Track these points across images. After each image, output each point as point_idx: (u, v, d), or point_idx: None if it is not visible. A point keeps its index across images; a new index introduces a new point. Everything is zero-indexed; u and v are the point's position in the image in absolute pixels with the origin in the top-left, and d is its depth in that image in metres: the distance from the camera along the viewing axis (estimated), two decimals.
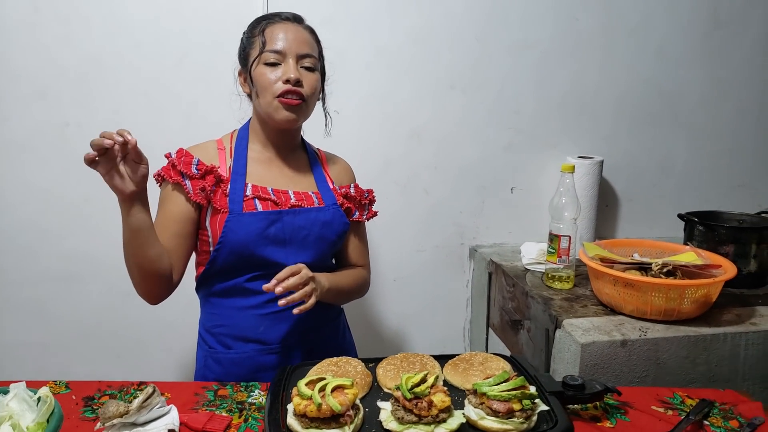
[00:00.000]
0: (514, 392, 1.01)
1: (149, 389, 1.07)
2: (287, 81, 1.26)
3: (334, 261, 1.51)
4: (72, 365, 1.97)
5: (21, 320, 1.94)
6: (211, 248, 1.30)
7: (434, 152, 1.99)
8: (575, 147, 2.05)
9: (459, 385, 1.15)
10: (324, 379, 1.04)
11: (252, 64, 1.28)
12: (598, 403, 1.17)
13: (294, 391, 1.02)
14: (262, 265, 1.30)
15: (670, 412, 1.16)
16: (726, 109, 2.14)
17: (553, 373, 1.49)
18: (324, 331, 1.42)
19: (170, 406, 1.10)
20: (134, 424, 1.04)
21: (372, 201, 1.54)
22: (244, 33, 1.35)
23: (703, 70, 2.09)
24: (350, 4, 1.84)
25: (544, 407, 1.05)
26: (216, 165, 1.30)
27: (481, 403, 1.02)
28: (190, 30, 1.79)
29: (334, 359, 1.21)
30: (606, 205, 2.13)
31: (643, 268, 1.51)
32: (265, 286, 1.18)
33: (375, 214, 1.54)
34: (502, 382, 1.04)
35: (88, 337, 1.96)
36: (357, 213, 1.47)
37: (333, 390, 1.00)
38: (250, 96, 1.35)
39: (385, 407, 1.05)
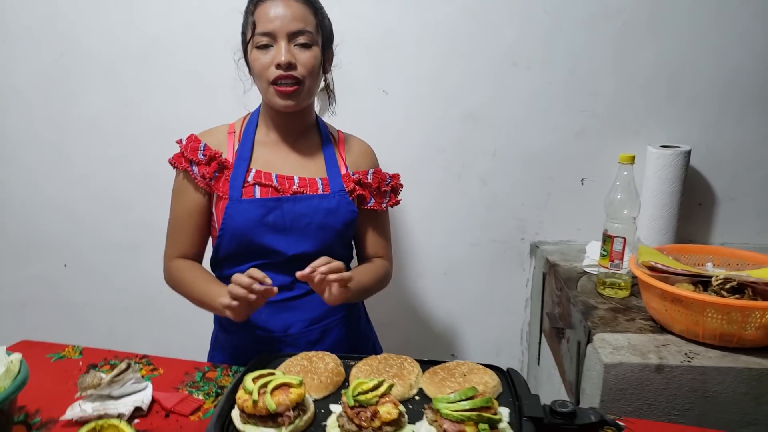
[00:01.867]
0: (469, 413, 0.89)
1: (123, 365, 1.11)
2: (279, 66, 1.20)
3: (355, 252, 1.45)
4: (134, 329, 2.11)
5: (91, 284, 2.10)
6: (218, 234, 1.30)
7: (493, 137, 1.82)
8: (663, 134, 1.76)
9: (431, 395, 1.04)
10: (273, 374, 0.99)
11: (247, 48, 1.26)
12: None
13: (242, 383, 0.98)
14: (263, 252, 1.28)
15: None
16: None
17: (582, 394, 1.30)
18: (330, 323, 1.36)
19: (146, 383, 1.12)
20: (109, 396, 1.07)
21: (396, 187, 1.44)
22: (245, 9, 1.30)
23: None
24: None
25: None
26: (220, 151, 1.30)
27: (435, 421, 0.91)
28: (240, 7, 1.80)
29: (311, 353, 1.16)
30: (699, 203, 1.81)
31: (705, 281, 1.26)
32: (299, 274, 1.13)
33: (398, 202, 1.44)
34: (462, 400, 0.92)
35: (149, 305, 2.08)
36: (373, 200, 1.38)
37: (276, 388, 0.95)
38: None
39: (336, 411, 0.98)
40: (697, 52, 1.72)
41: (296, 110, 1.28)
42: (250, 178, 1.28)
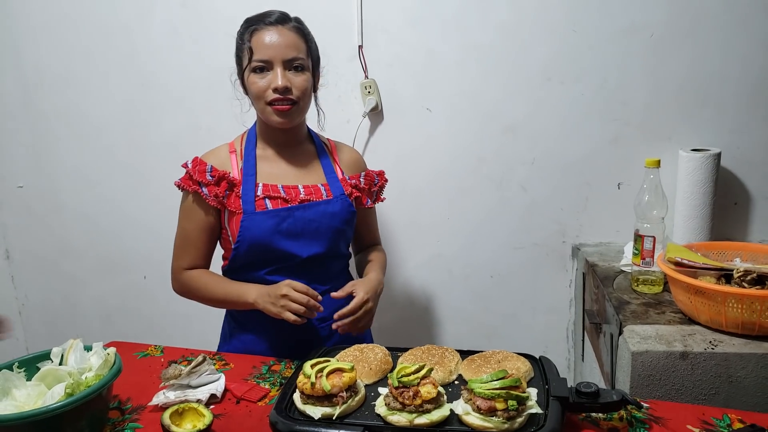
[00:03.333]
0: (499, 391, 1.01)
1: (200, 358, 1.28)
2: (276, 90, 1.34)
3: (351, 245, 1.61)
4: (207, 336, 2.30)
5: (168, 293, 2.29)
6: (233, 245, 1.42)
7: (531, 147, 1.94)
8: (694, 139, 1.84)
9: (468, 379, 1.17)
10: (328, 361, 1.14)
11: (243, 72, 1.39)
12: (624, 414, 1.11)
13: (302, 369, 1.14)
14: (280, 258, 1.42)
15: None
16: None
17: (617, 382, 1.40)
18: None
19: (220, 374, 1.29)
20: (189, 386, 1.24)
21: (383, 185, 1.61)
22: (237, 34, 1.42)
23: None
24: (439, 4, 1.88)
25: (538, 411, 1.03)
26: (228, 170, 1.42)
27: (470, 399, 1.04)
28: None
29: (362, 345, 1.31)
30: (735, 203, 1.87)
31: (727, 274, 1.35)
32: (334, 326, 1.36)
33: (382, 199, 1.63)
34: (494, 380, 1.05)
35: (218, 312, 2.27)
36: (369, 201, 1.56)
37: (331, 372, 1.10)
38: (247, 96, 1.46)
39: (384, 393, 1.12)
40: (724, 60, 1.79)
41: (289, 127, 1.42)
42: (259, 192, 1.40)
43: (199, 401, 1.20)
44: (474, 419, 1.01)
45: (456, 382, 1.19)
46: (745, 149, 1.82)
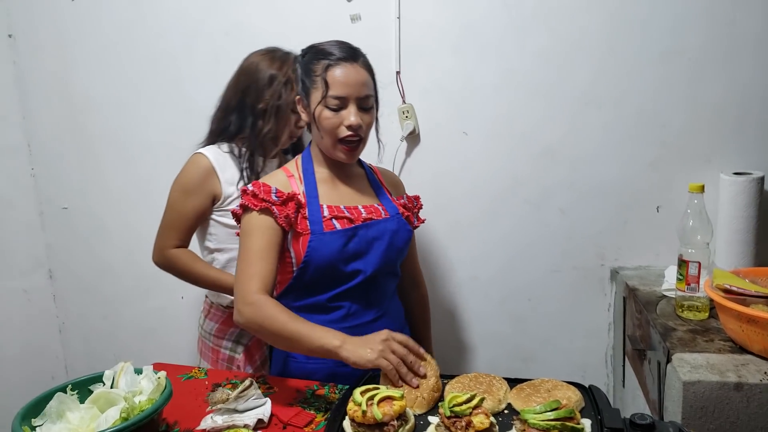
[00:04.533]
0: (554, 423, 1.01)
1: (247, 382, 1.28)
2: (350, 127, 1.36)
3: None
4: None
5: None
6: (294, 268, 1.42)
7: (569, 171, 1.94)
8: (734, 162, 1.82)
9: (519, 409, 1.17)
10: (378, 388, 1.15)
11: (314, 105, 1.38)
12: None
13: (351, 396, 1.14)
14: (344, 278, 1.42)
15: None
16: None
17: (665, 412, 1.38)
18: None
19: (266, 399, 1.29)
20: (235, 410, 1.25)
21: (420, 208, 1.63)
22: (301, 59, 1.43)
23: None
24: (477, 31, 1.90)
25: None
26: (296, 192, 1.42)
27: (523, 430, 1.04)
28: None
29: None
30: None
31: None
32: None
33: (423, 221, 1.65)
34: (548, 411, 1.04)
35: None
36: (416, 221, 1.59)
37: (381, 400, 1.11)
38: (308, 123, 1.45)
39: (434, 422, 1.12)
40: (762, 82, 1.79)
41: (353, 161, 1.46)
42: (326, 213, 1.41)
43: (246, 426, 1.22)
44: None
45: (506, 411, 1.18)
46: None
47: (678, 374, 1.29)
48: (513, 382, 1.27)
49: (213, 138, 1.78)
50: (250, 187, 1.41)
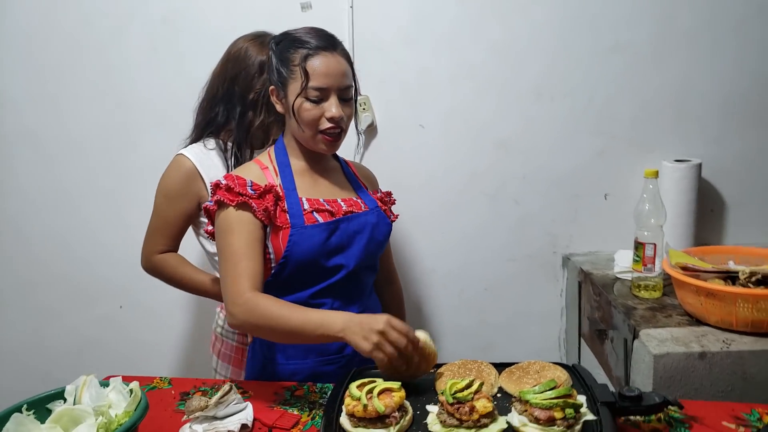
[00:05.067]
0: (556, 401, 1.03)
1: (226, 387, 1.21)
2: (332, 119, 1.31)
3: None
4: (191, 364, 2.23)
5: (152, 323, 2.23)
6: (273, 264, 1.35)
7: (523, 162, 2.00)
8: (674, 150, 1.96)
9: (512, 392, 1.18)
10: (374, 381, 1.13)
11: (293, 97, 1.32)
12: (662, 415, 1.15)
13: (347, 392, 1.12)
14: (325, 274, 1.37)
15: (741, 429, 1.11)
16: None
17: (632, 384, 1.45)
18: None
19: (246, 403, 1.23)
20: (214, 418, 1.18)
21: (393, 203, 1.60)
22: (275, 47, 1.36)
23: None
24: (431, 22, 1.92)
25: (591, 417, 1.06)
26: (272, 183, 1.35)
27: (525, 411, 1.05)
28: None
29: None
30: (711, 210, 2.00)
31: (732, 276, 1.43)
32: None
33: (397, 216, 1.60)
34: (547, 390, 1.07)
35: (207, 338, 2.21)
36: (392, 216, 1.56)
37: (380, 393, 1.09)
38: (282, 112, 1.39)
39: (433, 411, 1.11)
40: (700, 76, 1.93)
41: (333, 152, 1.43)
42: (306, 206, 1.36)
43: None
44: (533, 430, 1.03)
45: (498, 395, 1.20)
46: (721, 160, 1.96)
47: (647, 348, 1.36)
48: (498, 367, 1.29)
49: (199, 132, 1.67)
50: (222, 180, 1.32)
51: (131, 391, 1.15)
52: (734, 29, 1.90)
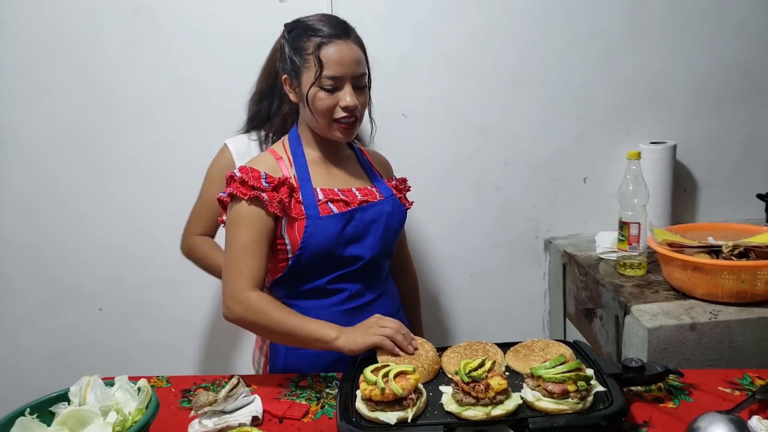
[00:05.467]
0: (568, 374, 1.07)
1: (234, 380, 1.21)
2: (346, 108, 1.31)
3: None
4: (178, 363, 2.20)
5: (133, 323, 2.18)
6: (290, 255, 1.36)
7: (503, 148, 2.04)
8: (649, 133, 2.03)
9: (520, 370, 1.22)
10: (388, 366, 1.14)
11: (307, 86, 1.31)
12: (662, 384, 1.20)
13: (361, 377, 1.13)
14: (342, 263, 1.38)
15: (737, 393, 1.17)
16: None
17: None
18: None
19: (254, 395, 1.23)
20: (223, 412, 1.17)
21: (408, 190, 1.61)
22: (287, 37, 1.35)
23: None
24: (412, 11, 1.94)
25: (601, 388, 1.10)
26: (287, 175, 1.35)
27: (538, 386, 1.08)
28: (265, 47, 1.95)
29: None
30: (684, 190, 2.08)
31: (715, 251, 1.50)
32: None
33: (412, 203, 1.61)
34: (558, 365, 1.10)
35: (191, 336, 2.19)
36: (407, 203, 1.56)
37: (396, 375, 1.10)
38: (296, 102, 1.39)
39: (447, 391, 1.13)
40: (670, 61, 2.01)
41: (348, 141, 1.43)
42: (320, 197, 1.35)
43: (242, 425, 1.16)
44: (548, 404, 1.05)
45: (507, 374, 1.23)
46: (693, 141, 2.04)
47: (641, 323, 1.42)
48: (502, 346, 1.32)
49: (248, 125, 1.73)
50: (237, 172, 1.32)
51: (139, 389, 1.14)
52: (702, 15, 1.98)
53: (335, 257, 1.36)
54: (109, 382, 1.16)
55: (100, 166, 2.05)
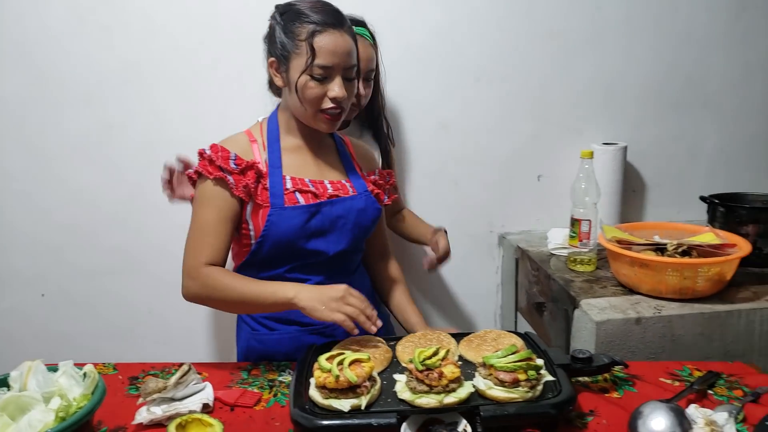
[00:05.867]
0: (519, 364, 1.09)
1: (185, 367, 1.19)
2: (335, 99, 1.29)
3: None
4: (123, 352, 2.13)
5: (77, 310, 2.12)
6: (252, 241, 1.35)
7: (462, 144, 2.07)
8: (601, 134, 2.10)
9: (473, 359, 1.24)
10: (343, 354, 1.15)
11: (296, 73, 1.28)
12: (607, 375, 1.24)
13: (315, 365, 1.12)
14: (303, 255, 1.36)
15: (677, 383, 1.22)
16: (755, 91, 2.14)
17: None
18: None
19: (206, 383, 1.22)
20: (172, 399, 1.16)
21: (393, 185, 1.59)
22: (279, 20, 1.31)
23: (731, 54, 2.10)
24: (375, 6, 1.93)
25: (550, 378, 1.13)
26: (256, 159, 1.33)
27: (490, 374, 1.10)
28: (224, 31, 1.91)
29: (358, 337, 1.32)
30: (633, 190, 2.16)
31: (660, 248, 1.56)
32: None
33: (395, 197, 1.60)
34: (509, 355, 1.12)
35: (137, 325, 2.13)
36: (387, 198, 1.53)
37: (350, 364, 1.10)
38: (279, 87, 1.36)
39: (401, 379, 1.14)
40: (622, 65, 2.08)
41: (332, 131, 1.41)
42: (289, 186, 1.33)
43: (192, 412, 1.14)
44: (499, 392, 1.08)
45: (460, 363, 1.24)
46: (641, 143, 2.12)
47: (589, 316, 1.46)
48: (456, 336, 1.33)
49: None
50: (207, 150, 1.31)
51: (85, 374, 1.11)
52: (654, 23, 2.05)
53: (296, 249, 1.35)
54: (53, 367, 1.12)
55: (44, 146, 1.98)
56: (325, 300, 1.23)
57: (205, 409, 1.17)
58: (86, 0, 1.88)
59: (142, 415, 1.13)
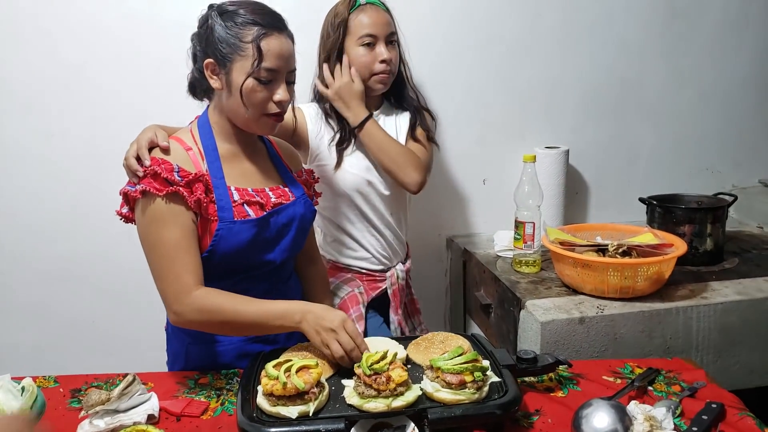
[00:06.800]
0: (465, 365, 1.10)
1: (129, 378, 1.16)
2: (280, 103, 1.27)
3: None
4: (66, 363, 2.06)
5: (16, 321, 2.04)
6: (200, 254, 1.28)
7: None
8: (543, 138, 2.15)
9: (420, 362, 1.24)
10: (290, 361, 1.13)
11: (241, 75, 1.23)
12: (552, 375, 1.27)
13: (263, 373, 1.11)
14: (252, 267, 1.33)
15: (619, 381, 1.26)
16: (688, 96, 2.23)
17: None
18: None
19: (151, 393, 1.19)
20: (116, 411, 1.12)
21: (317, 181, 1.56)
22: (219, 21, 1.24)
23: (665, 59, 2.18)
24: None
25: (496, 379, 1.14)
26: (199, 170, 1.26)
27: (437, 377, 1.11)
28: (169, 37, 1.86)
29: (306, 344, 1.30)
30: (576, 192, 2.22)
31: (602, 249, 1.60)
32: None
33: (320, 194, 1.58)
34: (456, 357, 1.13)
35: (82, 336, 2.06)
36: (315, 198, 1.52)
37: (298, 370, 1.09)
38: (212, 89, 1.30)
39: (349, 384, 1.14)
40: (562, 70, 2.13)
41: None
42: (236, 198, 1.28)
43: (136, 423, 1.11)
44: (446, 395, 1.08)
45: (408, 366, 1.25)
46: (583, 147, 2.18)
47: (534, 317, 1.49)
48: (403, 341, 1.34)
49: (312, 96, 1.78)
50: (147, 162, 1.21)
51: (23, 388, 1.07)
52: (590, 30, 2.12)
53: (245, 262, 1.32)
54: None
55: None
56: (320, 327, 1.22)
57: (151, 420, 1.14)
58: (26, 4, 1.81)
59: (85, 429, 1.10)
